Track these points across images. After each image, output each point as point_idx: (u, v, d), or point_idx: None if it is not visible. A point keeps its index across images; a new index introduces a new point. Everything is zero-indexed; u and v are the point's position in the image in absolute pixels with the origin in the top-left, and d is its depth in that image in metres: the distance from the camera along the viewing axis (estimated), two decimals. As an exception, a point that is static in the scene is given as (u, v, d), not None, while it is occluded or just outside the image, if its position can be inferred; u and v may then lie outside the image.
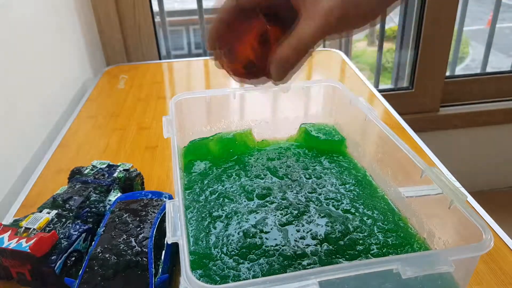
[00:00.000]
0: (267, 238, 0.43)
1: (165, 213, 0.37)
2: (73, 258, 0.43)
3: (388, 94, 1.28)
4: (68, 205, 0.47)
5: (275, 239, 0.43)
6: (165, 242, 0.43)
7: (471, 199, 0.55)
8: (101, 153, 0.69)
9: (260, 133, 0.62)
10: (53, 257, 0.41)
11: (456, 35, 1.36)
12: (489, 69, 1.42)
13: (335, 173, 0.54)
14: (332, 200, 0.49)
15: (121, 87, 0.95)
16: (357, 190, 0.50)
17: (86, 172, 0.54)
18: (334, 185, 0.51)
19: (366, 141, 0.56)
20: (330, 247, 0.42)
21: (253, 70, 0.37)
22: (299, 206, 0.47)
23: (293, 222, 0.45)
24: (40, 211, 0.47)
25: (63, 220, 0.45)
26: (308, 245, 0.42)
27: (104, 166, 0.55)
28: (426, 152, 0.66)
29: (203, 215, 0.47)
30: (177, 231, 0.35)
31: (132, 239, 0.42)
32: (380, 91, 0.96)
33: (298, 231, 0.44)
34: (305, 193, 0.50)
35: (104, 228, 0.44)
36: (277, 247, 0.42)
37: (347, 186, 0.51)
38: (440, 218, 0.42)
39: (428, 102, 1.32)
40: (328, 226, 0.44)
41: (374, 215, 0.46)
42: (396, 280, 0.32)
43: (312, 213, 0.46)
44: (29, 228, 0.43)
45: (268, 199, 0.49)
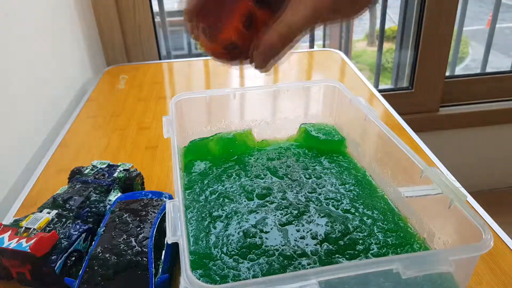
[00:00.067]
0: (267, 238, 0.43)
1: (165, 213, 0.38)
2: (73, 258, 0.43)
3: (388, 94, 1.28)
4: (68, 205, 0.48)
5: (275, 239, 0.43)
6: (165, 242, 0.43)
7: (471, 199, 0.55)
8: (101, 153, 0.69)
9: (260, 133, 0.63)
10: (53, 257, 0.41)
11: (456, 35, 1.36)
12: (489, 69, 1.42)
13: (335, 173, 0.54)
14: (332, 200, 0.49)
15: (121, 87, 0.95)
16: (357, 190, 0.50)
17: (86, 172, 0.54)
18: (334, 185, 0.51)
19: (366, 141, 0.56)
20: (330, 247, 0.42)
21: (233, 52, 0.35)
22: (299, 206, 0.47)
23: (293, 222, 0.45)
24: (40, 211, 0.47)
25: (63, 220, 0.45)
26: (308, 245, 0.42)
27: (104, 166, 0.55)
28: (426, 152, 0.66)
29: (203, 215, 0.47)
30: (177, 231, 0.35)
31: (132, 239, 0.42)
32: (380, 91, 0.96)
33: (298, 231, 0.44)
34: (305, 193, 0.50)
35: (104, 228, 0.44)
36: (277, 247, 0.42)
37: (347, 186, 0.51)
38: (440, 218, 0.42)
39: (428, 102, 1.32)
40: (328, 226, 0.44)
41: (374, 215, 0.46)
42: (396, 280, 0.32)
43: (312, 213, 0.46)
44: (29, 228, 0.43)
45: (268, 199, 0.49)
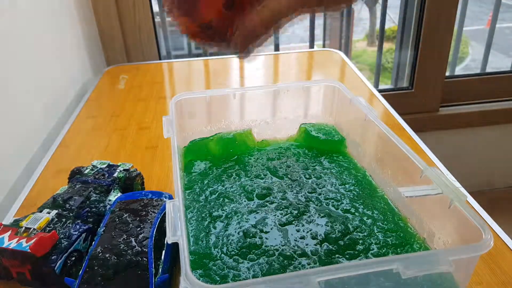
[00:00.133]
0: (267, 238, 0.43)
1: (165, 213, 0.38)
2: (73, 258, 0.43)
3: (388, 94, 1.28)
4: (68, 205, 0.48)
5: (275, 239, 0.43)
6: (165, 242, 0.43)
7: (471, 199, 0.55)
8: (101, 153, 0.69)
9: (260, 133, 0.63)
10: (53, 257, 0.41)
11: (456, 35, 1.36)
12: (489, 69, 1.42)
13: (335, 173, 0.54)
14: (332, 200, 0.49)
15: (121, 87, 0.95)
16: (357, 190, 0.50)
17: (86, 172, 0.54)
18: (334, 185, 0.51)
19: (366, 141, 0.56)
20: (330, 247, 0.42)
21: (209, 32, 0.33)
22: (299, 206, 0.47)
23: (293, 222, 0.45)
24: (40, 211, 0.47)
25: (63, 220, 0.45)
26: (308, 245, 0.42)
27: (104, 166, 0.55)
28: (426, 152, 0.66)
29: (203, 215, 0.47)
30: (177, 231, 0.35)
31: (132, 239, 0.42)
32: (380, 91, 0.96)
33: (298, 231, 0.44)
34: (305, 193, 0.50)
35: (104, 228, 0.44)
36: (277, 247, 0.42)
37: (347, 186, 0.51)
38: (440, 218, 0.42)
39: (428, 102, 1.32)
40: (328, 226, 0.44)
41: (374, 215, 0.46)
42: (396, 280, 0.32)
43: (312, 213, 0.46)
44: (29, 228, 0.43)
45: (268, 199, 0.49)
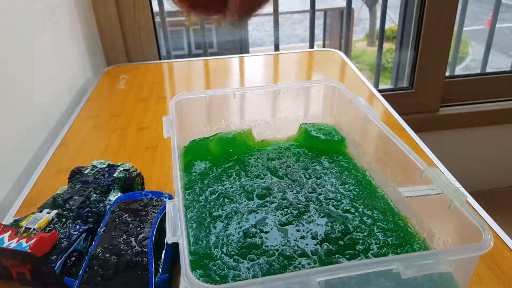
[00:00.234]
0: (267, 238, 0.43)
1: (165, 213, 0.38)
2: (73, 258, 0.43)
3: (388, 94, 1.28)
4: (68, 205, 0.48)
5: (275, 239, 0.43)
6: (165, 242, 0.43)
7: (471, 199, 0.55)
8: (101, 153, 0.69)
9: (260, 133, 0.63)
10: (53, 257, 0.41)
11: (456, 35, 1.36)
12: (489, 69, 1.42)
13: (335, 173, 0.54)
14: (332, 200, 0.49)
15: (121, 87, 0.95)
16: (357, 190, 0.50)
17: (86, 172, 0.54)
18: (334, 185, 0.51)
19: (366, 141, 0.56)
20: (330, 247, 0.42)
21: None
22: (299, 206, 0.47)
23: (293, 222, 0.45)
24: (40, 211, 0.47)
25: (63, 220, 0.45)
26: (308, 245, 0.42)
27: (104, 166, 0.55)
28: (426, 152, 0.66)
29: (203, 215, 0.47)
30: (177, 231, 0.35)
31: (132, 239, 0.42)
32: (380, 91, 0.96)
33: (298, 231, 0.44)
34: (305, 193, 0.50)
35: (104, 228, 0.44)
36: (277, 247, 0.42)
37: (347, 186, 0.51)
38: (440, 218, 0.42)
39: (428, 102, 1.32)
40: (328, 226, 0.44)
41: (374, 215, 0.46)
42: (396, 280, 0.32)
43: (312, 213, 0.46)
44: (29, 228, 0.43)
45: (268, 199, 0.49)
